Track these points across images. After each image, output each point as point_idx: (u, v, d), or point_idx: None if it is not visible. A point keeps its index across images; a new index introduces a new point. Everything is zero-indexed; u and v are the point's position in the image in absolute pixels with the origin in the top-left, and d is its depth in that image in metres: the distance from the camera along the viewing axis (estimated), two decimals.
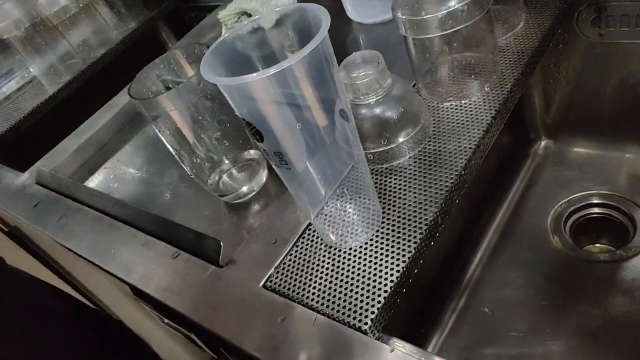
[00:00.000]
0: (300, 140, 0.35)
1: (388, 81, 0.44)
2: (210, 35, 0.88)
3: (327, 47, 0.32)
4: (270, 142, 0.34)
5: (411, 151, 0.45)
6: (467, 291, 0.62)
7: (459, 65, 0.50)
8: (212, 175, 0.53)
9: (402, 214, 0.40)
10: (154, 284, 0.45)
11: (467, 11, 0.43)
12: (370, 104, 0.44)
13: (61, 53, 0.99)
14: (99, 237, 0.53)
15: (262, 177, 0.53)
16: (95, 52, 1.00)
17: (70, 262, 0.92)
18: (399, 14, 0.46)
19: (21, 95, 0.96)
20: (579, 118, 0.70)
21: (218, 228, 0.51)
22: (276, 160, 0.35)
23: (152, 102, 0.45)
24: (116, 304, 0.80)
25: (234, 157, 0.53)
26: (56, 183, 0.64)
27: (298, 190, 0.39)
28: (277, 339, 0.36)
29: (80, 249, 0.53)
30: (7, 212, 0.65)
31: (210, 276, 0.43)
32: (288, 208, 0.46)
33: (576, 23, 0.60)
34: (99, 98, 0.86)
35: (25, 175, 0.70)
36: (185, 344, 0.66)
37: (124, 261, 0.49)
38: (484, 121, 0.45)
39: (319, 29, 0.32)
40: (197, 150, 0.51)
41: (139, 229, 0.52)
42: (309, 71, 0.32)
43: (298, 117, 0.33)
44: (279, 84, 0.31)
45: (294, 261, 0.41)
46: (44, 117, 0.89)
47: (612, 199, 0.65)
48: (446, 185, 0.41)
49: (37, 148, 0.78)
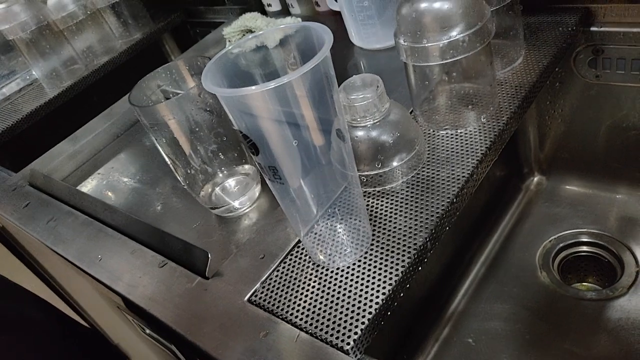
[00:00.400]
0: (296, 157, 0.35)
1: (386, 105, 0.45)
2: (213, 51, 0.89)
3: (329, 67, 0.33)
4: (266, 157, 0.34)
5: (405, 176, 0.46)
6: (451, 321, 0.62)
7: (457, 95, 0.51)
8: (205, 187, 0.53)
9: (392, 238, 0.40)
10: (139, 292, 0.45)
11: (468, 42, 0.44)
12: (367, 127, 0.45)
13: (64, 58, 0.99)
14: (87, 242, 0.53)
15: (255, 192, 0.53)
16: (98, 59, 1.01)
17: (54, 266, 0.91)
18: (401, 41, 0.47)
19: (21, 97, 0.97)
20: (572, 156, 0.70)
21: (207, 240, 0.51)
22: (270, 174, 0.35)
23: (151, 110, 0.45)
24: (98, 311, 0.79)
25: (228, 171, 0.53)
26: (48, 185, 0.64)
27: (290, 207, 0.39)
28: (259, 354, 0.35)
29: (68, 253, 0.53)
30: (4, 213, 0.64)
31: (196, 287, 0.42)
32: (278, 225, 0.46)
33: (574, 63, 0.61)
34: (98, 105, 0.86)
35: (18, 175, 0.70)
36: (165, 357, 0.65)
37: (110, 268, 0.49)
38: (478, 151, 0.45)
39: (321, 45, 0.32)
40: (192, 161, 0.51)
41: (128, 236, 0.52)
42: (309, 89, 0.32)
43: (295, 134, 0.34)
44: (278, 100, 0.32)
45: (280, 277, 0.41)
46: (42, 120, 0.89)
47: (602, 239, 0.66)
48: (437, 211, 0.41)
49: (33, 150, 0.78)
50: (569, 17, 0.57)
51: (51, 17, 0.94)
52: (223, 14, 1.04)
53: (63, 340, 0.57)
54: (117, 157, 0.72)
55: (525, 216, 0.71)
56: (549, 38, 0.56)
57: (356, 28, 0.69)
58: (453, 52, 0.45)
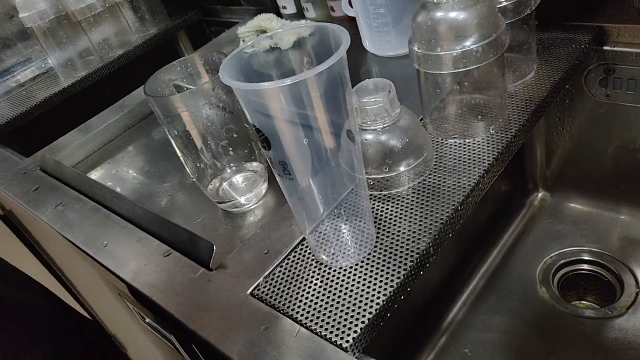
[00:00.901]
0: (307, 155, 0.36)
1: (397, 110, 0.45)
2: (226, 49, 0.89)
3: (344, 68, 0.33)
4: (277, 152, 0.34)
5: (411, 182, 0.46)
6: (449, 330, 0.62)
7: (467, 105, 0.51)
8: (213, 181, 0.54)
9: (396, 241, 0.41)
10: (142, 279, 0.45)
11: (482, 53, 0.45)
12: (376, 130, 0.45)
13: (80, 49, 1.00)
14: (94, 228, 0.54)
15: (262, 190, 0.54)
16: (113, 52, 1.02)
17: (57, 252, 0.92)
18: (415, 48, 0.48)
19: (35, 84, 0.98)
20: (578, 174, 0.71)
21: (213, 233, 0.52)
22: (280, 169, 0.36)
23: (165, 101, 0.46)
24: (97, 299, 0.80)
25: (236, 167, 0.54)
26: (58, 170, 0.65)
27: (297, 204, 0.39)
28: (258, 347, 0.36)
29: (74, 237, 0.54)
30: (6, 193, 0.65)
31: (199, 278, 0.43)
32: (283, 222, 0.47)
33: (584, 81, 0.62)
34: (111, 97, 0.87)
35: (29, 160, 0.70)
36: (162, 347, 0.65)
37: (115, 254, 0.49)
38: (485, 161, 0.46)
39: (338, 46, 0.33)
40: (203, 155, 0.52)
41: (135, 224, 0.53)
42: (323, 89, 0.33)
43: (307, 133, 0.34)
44: (293, 98, 0.32)
45: (283, 273, 0.41)
46: (55, 107, 0.90)
47: (603, 258, 0.66)
48: (442, 218, 0.42)
49: (45, 137, 0.79)
50: (582, 35, 0.58)
51: (70, 8, 0.96)
52: (239, 14, 1.06)
53: (67, 334, 0.57)
54: (127, 148, 0.73)
55: (527, 231, 0.72)
56: (562, 54, 0.57)
57: (370, 35, 0.70)
58: (466, 61, 0.45)
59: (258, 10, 0.98)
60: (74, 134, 0.75)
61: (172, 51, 1.14)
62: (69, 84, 0.93)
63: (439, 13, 0.46)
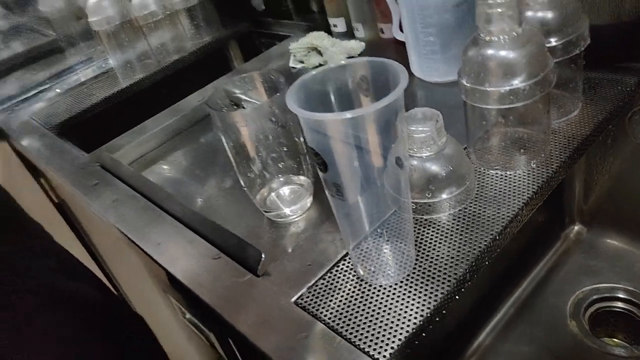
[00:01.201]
0: (357, 177, 0.39)
1: (443, 139, 0.48)
2: (276, 62, 0.93)
3: (400, 102, 0.36)
4: (333, 174, 0.37)
5: (452, 209, 0.48)
6: (476, 355, 0.64)
7: (510, 138, 0.53)
8: (262, 191, 0.57)
9: (434, 265, 0.43)
10: (190, 277, 0.49)
11: (529, 90, 0.47)
12: (422, 158, 0.48)
13: (139, 52, 1.06)
14: (148, 226, 0.57)
15: (307, 203, 0.57)
16: (169, 56, 1.07)
17: (104, 245, 0.97)
18: (464, 81, 0.50)
19: (96, 83, 1.04)
20: (616, 211, 0.71)
21: (257, 241, 0.55)
22: (333, 190, 0.38)
23: (227, 116, 0.49)
24: (140, 293, 0.84)
25: (285, 179, 0.57)
26: (116, 168, 0.69)
27: (344, 220, 0.42)
28: (295, 352, 0.39)
29: (129, 232, 0.58)
30: (66, 184, 0.70)
31: (245, 282, 0.46)
32: (326, 237, 0.50)
33: (628, 122, 0.63)
34: (165, 99, 0.92)
35: (89, 156, 0.75)
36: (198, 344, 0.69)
37: (167, 252, 0.53)
38: (525, 195, 0.48)
39: (396, 83, 0.36)
40: (254, 165, 0.55)
41: (185, 224, 0.56)
42: (379, 118, 0.36)
43: (359, 154, 0.37)
44: (351, 125, 0.35)
45: (326, 285, 0.44)
46: (113, 106, 0.96)
47: (636, 297, 0.66)
48: (479, 246, 0.44)
49: (102, 133, 0.84)
50: (629, 77, 0.59)
51: (134, 14, 1.01)
52: (289, 28, 1.09)
53: (118, 324, 0.59)
54: (179, 150, 0.77)
55: (561, 264, 0.72)
56: (607, 95, 0.58)
57: (419, 60, 0.73)
58: (512, 98, 0.47)
59: (308, 26, 1.02)
60: (131, 134, 0.79)
61: (223, 59, 1.19)
62: (128, 84, 0.99)
63: (490, 50, 0.48)
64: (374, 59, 0.39)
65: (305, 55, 0.86)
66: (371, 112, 0.34)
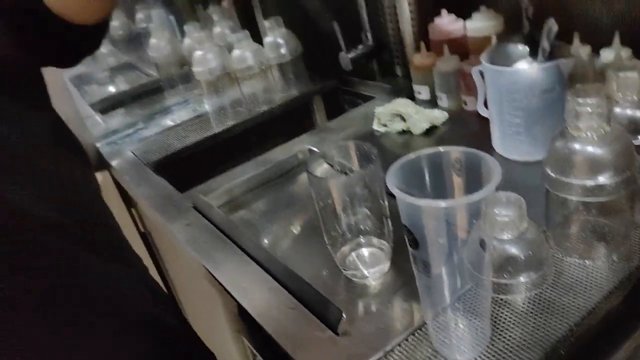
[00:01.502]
0: (444, 252, 0.42)
1: (524, 225, 0.50)
2: (359, 123, 0.97)
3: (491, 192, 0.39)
4: (422, 252, 0.41)
5: (528, 292, 0.50)
6: None
7: (591, 228, 0.54)
8: (343, 249, 0.61)
9: (508, 346, 0.45)
10: (270, 324, 0.53)
11: (614, 187, 0.49)
12: (502, 240, 0.50)
13: (233, 99, 1.16)
14: (235, 271, 0.63)
15: (385, 267, 0.60)
16: (259, 106, 1.16)
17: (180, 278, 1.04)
18: (548, 170, 0.52)
19: (191, 125, 1.13)
20: None
21: (334, 297, 0.58)
22: (421, 266, 0.42)
23: (323, 181, 0.54)
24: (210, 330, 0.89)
25: (366, 241, 0.61)
26: (207, 210, 0.76)
27: (425, 292, 0.45)
28: None
29: (216, 272, 0.63)
30: (158, 217, 0.77)
31: (327, 339, 0.49)
32: (403, 303, 0.52)
33: None
34: (253, 146, 1.00)
35: (183, 196, 0.83)
36: None
37: (249, 296, 0.58)
38: (604, 288, 0.49)
39: (489, 176, 0.39)
40: (339, 225, 0.59)
41: (268, 272, 0.61)
42: (469, 206, 0.39)
43: (448, 234, 0.40)
44: (444, 211, 0.39)
45: (402, 353, 0.46)
46: (206, 149, 1.04)
47: None
48: (554, 334, 0.45)
49: (194, 173, 0.92)
50: None
51: (233, 67, 1.11)
52: (373, 89, 1.15)
53: (196, 357, 0.62)
54: (265, 199, 0.83)
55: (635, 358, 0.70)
56: None
57: (502, 138, 0.75)
58: (597, 192, 0.49)
59: (392, 88, 1.07)
60: (222, 178, 0.86)
61: (307, 112, 1.26)
62: (220, 130, 1.08)
63: (577, 145, 0.50)
64: (470, 150, 0.42)
65: (390, 120, 0.91)
66: (464, 204, 0.38)
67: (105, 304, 0.49)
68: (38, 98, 0.55)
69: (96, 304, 0.48)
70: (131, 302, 0.52)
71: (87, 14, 0.55)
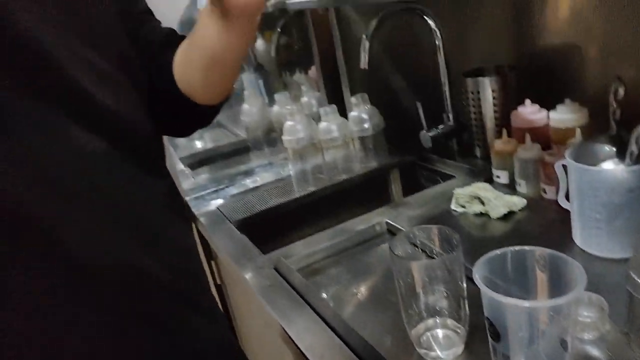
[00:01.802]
0: (524, 344, 0.43)
1: (606, 327, 0.50)
2: (435, 201, 1.00)
3: None
4: (504, 345, 0.43)
5: None
6: None
7: None
8: (418, 326, 0.63)
9: None
10: None
11: None
12: (582, 339, 0.51)
13: (314, 166, 1.23)
14: (313, 338, 0.66)
15: (459, 350, 0.61)
16: (339, 175, 1.22)
17: (247, 332, 1.08)
18: (634, 275, 0.53)
19: (274, 188, 1.21)
20: None
21: None
22: (501, 359, 0.44)
23: (406, 262, 0.58)
24: None
25: (441, 321, 0.63)
26: (287, 273, 0.81)
27: None
28: None
29: (295, 336, 0.67)
30: (248, 280, 0.83)
31: None
32: None
33: None
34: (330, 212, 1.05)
35: (266, 257, 0.88)
36: None
37: None
38: None
39: (573, 280, 0.41)
40: (416, 303, 0.62)
41: (344, 341, 0.64)
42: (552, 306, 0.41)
43: (530, 328, 0.42)
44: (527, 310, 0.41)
45: None
46: (288, 212, 1.11)
47: None
48: None
49: (276, 234, 0.98)
50: None
51: (319, 137, 1.19)
52: (451, 167, 1.18)
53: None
54: (342, 266, 0.87)
55: None
56: None
57: (582, 231, 0.75)
58: None
59: (470, 169, 1.10)
60: (303, 244, 0.91)
61: (384, 185, 1.31)
62: (301, 194, 1.14)
63: None
64: (556, 253, 0.45)
65: (468, 202, 0.93)
66: (547, 306, 0.40)
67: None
68: (159, 163, 0.63)
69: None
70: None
71: (212, 96, 0.64)
